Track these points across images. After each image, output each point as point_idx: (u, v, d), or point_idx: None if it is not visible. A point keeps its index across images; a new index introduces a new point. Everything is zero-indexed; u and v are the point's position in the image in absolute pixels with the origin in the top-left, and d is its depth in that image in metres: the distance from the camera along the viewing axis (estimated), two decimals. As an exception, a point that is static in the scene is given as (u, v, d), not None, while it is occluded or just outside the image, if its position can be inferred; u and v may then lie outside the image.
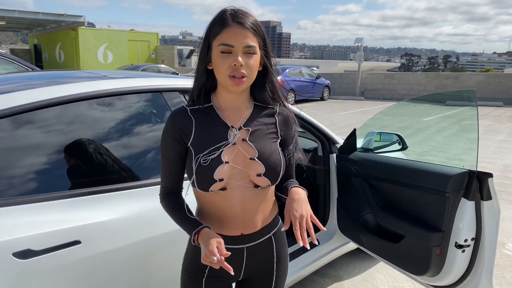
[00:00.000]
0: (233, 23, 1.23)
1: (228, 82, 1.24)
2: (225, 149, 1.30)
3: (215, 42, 1.24)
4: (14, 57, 5.86)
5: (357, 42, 19.73)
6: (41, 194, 1.54)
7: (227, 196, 1.32)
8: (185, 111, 1.33)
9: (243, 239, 1.36)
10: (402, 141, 2.86)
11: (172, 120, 1.33)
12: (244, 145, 1.33)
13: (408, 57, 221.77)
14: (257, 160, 1.31)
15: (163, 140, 1.35)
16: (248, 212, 1.35)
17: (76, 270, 1.52)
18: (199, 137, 1.30)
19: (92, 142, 1.74)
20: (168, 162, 1.35)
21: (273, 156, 1.35)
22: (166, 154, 1.35)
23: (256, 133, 1.35)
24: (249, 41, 1.23)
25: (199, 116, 1.32)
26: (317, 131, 2.78)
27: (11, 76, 2.23)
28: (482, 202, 1.99)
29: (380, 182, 2.42)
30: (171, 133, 1.32)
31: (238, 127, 1.33)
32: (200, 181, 1.28)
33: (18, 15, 19.80)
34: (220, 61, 1.23)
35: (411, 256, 2.22)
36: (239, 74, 1.23)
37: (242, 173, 1.32)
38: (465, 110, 11.01)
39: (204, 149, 1.29)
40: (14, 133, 1.56)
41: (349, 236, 2.73)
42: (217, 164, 1.27)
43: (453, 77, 17.77)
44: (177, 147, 1.32)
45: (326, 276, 3.13)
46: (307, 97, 16.70)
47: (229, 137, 1.32)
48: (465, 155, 7.00)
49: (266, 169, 1.32)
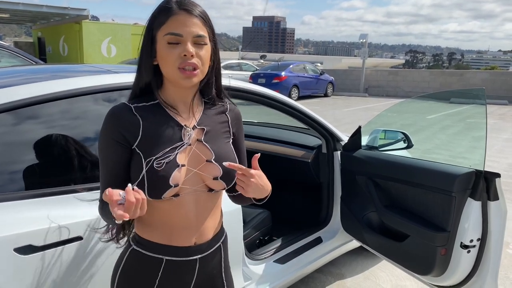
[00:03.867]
0: (180, 11, 1.11)
1: (177, 75, 1.11)
2: (180, 151, 1.17)
3: (160, 32, 1.11)
4: (18, 50, 5.86)
5: (362, 39, 19.62)
6: (43, 189, 1.53)
7: (180, 202, 1.18)
8: (129, 108, 1.16)
9: (196, 249, 1.23)
10: (407, 139, 2.83)
11: (114, 119, 1.15)
12: (199, 146, 1.21)
13: (413, 54, 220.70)
14: (214, 162, 1.20)
15: (102, 143, 1.17)
16: (202, 219, 1.23)
17: (77, 266, 1.51)
18: (148, 138, 1.15)
19: (95, 137, 1.72)
20: (110, 168, 1.17)
21: (230, 157, 1.24)
22: (107, 160, 1.18)
23: (210, 132, 1.24)
24: (198, 30, 1.11)
25: (146, 114, 1.17)
26: (322, 128, 2.75)
27: (15, 70, 2.21)
28: (489, 202, 1.97)
29: (385, 180, 2.40)
30: (113, 135, 1.14)
31: (192, 126, 1.21)
32: (152, 187, 1.12)
33: (22, 8, 19.75)
34: (167, 52, 1.10)
35: (416, 256, 2.20)
36: (190, 65, 1.10)
37: (197, 177, 1.19)
38: (471, 108, 10.95)
39: (155, 151, 1.14)
40: (17, 127, 1.54)
41: (352, 235, 2.71)
42: (172, 168, 1.13)
43: (458, 75, 17.67)
44: (120, 150, 1.16)
45: (329, 274, 3.12)
46: (311, 93, 16.63)
47: (184, 138, 1.19)
48: (470, 154, 6.97)
49: (223, 172, 1.21)
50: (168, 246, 1.20)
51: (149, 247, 1.21)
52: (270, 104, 2.45)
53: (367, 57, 19.16)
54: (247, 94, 2.34)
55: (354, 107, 14.01)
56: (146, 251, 1.21)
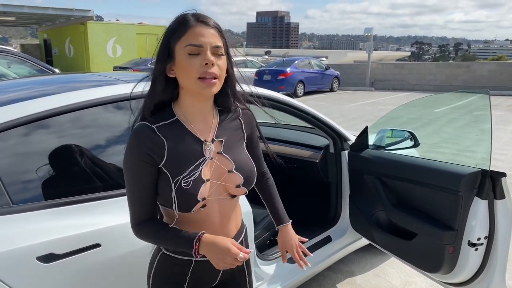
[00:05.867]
0: (198, 23, 1.15)
1: (199, 85, 1.15)
2: (203, 166, 1.22)
3: (180, 44, 1.15)
4: (27, 56, 5.94)
5: (367, 32, 19.54)
6: (62, 198, 1.58)
7: (207, 212, 1.26)
8: (153, 130, 1.18)
9: None
10: (414, 138, 2.86)
11: (140, 142, 1.18)
12: (219, 158, 1.26)
13: (419, 45, 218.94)
14: (235, 172, 1.27)
15: (130, 166, 1.20)
16: (226, 222, 1.32)
17: (97, 273, 1.57)
18: (174, 158, 1.19)
19: (110, 146, 1.78)
20: (142, 190, 1.21)
21: (248, 164, 1.32)
22: (137, 181, 1.20)
23: (227, 142, 1.29)
24: (216, 41, 1.16)
25: (168, 133, 1.20)
26: (329, 128, 2.79)
27: (28, 81, 2.27)
28: (496, 201, 2.00)
29: (392, 179, 2.43)
30: (141, 156, 1.17)
31: (211, 140, 1.26)
32: (182, 204, 1.19)
33: (27, 11, 19.91)
34: (189, 63, 1.13)
35: (424, 254, 2.24)
36: (210, 74, 1.14)
37: (220, 187, 1.26)
38: (477, 99, 10.89)
39: (182, 169, 1.19)
40: (34, 139, 1.60)
41: (361, 233, 2.75)
42: (199, 184, 1.19)
43: (465, 66, 17.52)
44: (150, 170, 1.19)
45: (339, 271, 3.16)
46: (317, 88, 16.61)
47: (205, 153, 1.23)
48: (477, 147, 6.95)
49: (244, 179, 1.28)
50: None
51: (179, 251, 1.28)
52: (276, 106, 2.49)
53: (373, 50, 19.07)
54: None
55: (360, 102, 13.98)
56: (176, 254, 1.29)
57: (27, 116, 1.59)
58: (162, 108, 1.24)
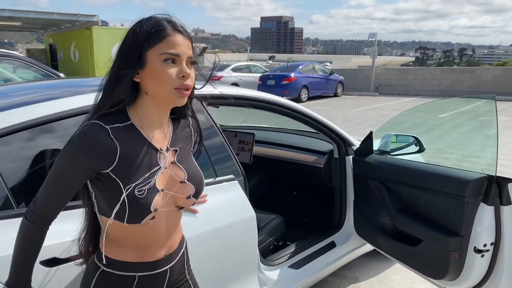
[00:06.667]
0: (175, 32, 1.12)
1: (173, 95, 1.11)
2: (158, 175, 1.17)
3: (154, 51, 1.09)
4: (32, 61, 5.99)
5: (371, 37, 19.54)
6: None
7: (155, 224, 1.19)
8: (106, 131, 1.10)
9: (166, 260, 1.27)
10: (419, 143, 2.85)
11: (89, 143, 1.08)
12: (173, 168, 1.22)
13: (423, 50, 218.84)
14: (187, 182, 1.24)
15: (65, 162, 1.10)
16: (171, 233, 1.27)
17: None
18: (126, 163, 1.11)
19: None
20: (63, 189, 1.13)
21: (199, 174, 1.29)
22: (64, 180, 1.12)
23: (181, 151, 1.26)
24: (191, 52, 1.14)
25: (122, 137, 1.12)
26: (333, 133, 2.78)
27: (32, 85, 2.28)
28: (502, 207, 1.98)
29: (397, 185, 2.42)
30: (84, 159, 1.08)
31: (165, 149, 1.21)
32: (133, 215, 1.12)
33: (33, 16, 20.07)
34: (164, 71, 1.09)
35: (429, 260, 2.22)
36: (186, 86, 1.12)
37: (171, 198, 1.21)
38: (483, 105, 10.85)
39: (135, 178, 1.12)
40: (39, 142, 1.60)
41: (366, 239, 2.73)
42: (153, 193, 1.13)
43: (469, 72, 17.48)
44: (85, 175, 1.12)
45: (343, 277, 3.14)
46: (321, 93, 16.61)
47: (160, 162, 1.18)
48: (483, 152, 6.91)
49: (195, 189, 1.25)
50: (140, 263, 1.22)
51: (121, 266, 1.21)
52: (281, 111, 2.49)
53: (377, 55, 19.07)
54: (255, 102, 2.37)
55: (364, 107, 13.97)
56: (118, 271, 1.21)
57: (32, 120, 1.60)
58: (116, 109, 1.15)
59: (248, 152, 3.16)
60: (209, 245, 1.85)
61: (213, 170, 2.00)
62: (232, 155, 2.10)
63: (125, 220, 1.12)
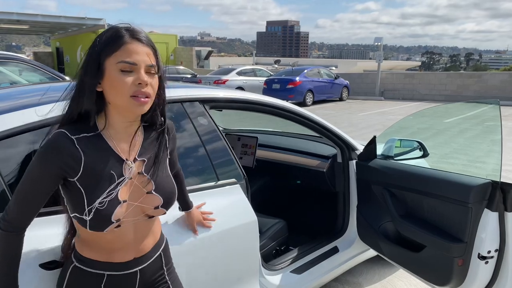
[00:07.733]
0: (133, 40, 1.11)
1: (131, 103, 1.10)
2: (121, 186, 1.16)
3: (111, 60, 1.09)
4: (38, 64, 6.02)
5: (377, 42, 19.51)
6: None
7: (120, 231, 1.21)
8: (72, 141, 1.11)
9: (136, 262, 1.28)
10: (423, 148, 2.83)
11: (55, 152, 1.10)
12: (139, 178, 1.21)
13: (429, 55, 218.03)
14: (154, 193, 1.23)
15: (35, 170, 1.12)
16: (141, 239, 1.28)
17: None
18: (90, 174, 1.13)
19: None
20: (32, 196, 1.14)
21: (169, 184, 1.28)
22: (33, 187, 1.14)
23: (150, 161, 1.24)
24: (151, 60, 1.13)
25: (88, 147, 1.13)
26: (336, 138, 2.77)
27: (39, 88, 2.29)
28: (506, 213, 1.96)
29: (401, 190, 2.40)
30: (51, 168, 1.11)
31: (132, 159, 1.21)
32: (95, 224, 1.14)
33: (41, 19, 20.30)
34: (120, 80, 1.09)
35: (433, 266, 2.20)
36: (143, 94, 1.11)
37: (138, 208, 1.21)
38: (488, 110, 10.79)
39: (98, 191, 1.13)
40: (35, 146, 1.60)
41: (369, 244, 2.71)
42: (115, 205, 1.14)
43: (476, 77, 17.39)
44: (53, 182, 1.14)
45: (346, 283, 3.12)
46: (326, 97, 16.59)
47: (125, 173, 1.18)
48: (487, 158, 6.86)
49: (164, 200, 1.24)
50: (109, 263, 1.24)
51: (90, 264, 1.24)
52: (284, 115, 2.48)
53: (382, 60, 19.04)
54: (259, 106, 2.37)
55: (369, 111, 13.92)
56: (88, 267, 1.24)
57: (35, 122, 1.60)
58: (84, 118, 1.16)
59: (251, 156, 3.16)
60: (210, 249, 1.84)
61: (215, 174, 1.99)
62: (234, 159, 2.09)
63: (87, 228, 1.16)
